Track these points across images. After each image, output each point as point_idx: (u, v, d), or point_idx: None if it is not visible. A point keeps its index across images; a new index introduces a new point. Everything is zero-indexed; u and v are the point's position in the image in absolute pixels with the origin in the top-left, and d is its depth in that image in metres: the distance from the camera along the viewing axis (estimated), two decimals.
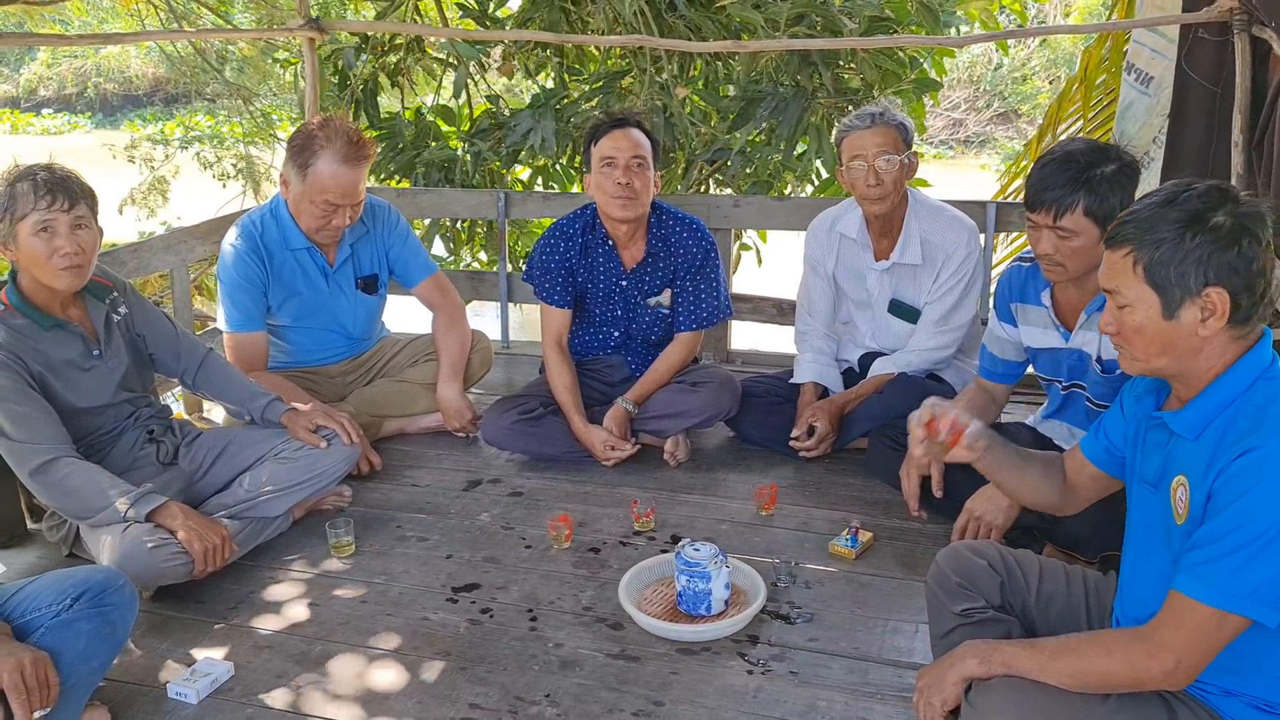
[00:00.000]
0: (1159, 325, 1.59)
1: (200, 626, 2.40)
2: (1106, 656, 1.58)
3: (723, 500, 3.01)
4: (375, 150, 3.31)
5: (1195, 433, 1.60)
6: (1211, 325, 1.56)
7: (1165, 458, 1.67)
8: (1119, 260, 1.62)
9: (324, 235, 3.20)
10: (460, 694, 2.13)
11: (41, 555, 2.76)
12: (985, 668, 1.68)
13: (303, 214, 3.14)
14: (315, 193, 3.07)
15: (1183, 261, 1.55)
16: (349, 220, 3.16)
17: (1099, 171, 2.27)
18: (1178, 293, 1.56)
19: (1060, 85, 6.05)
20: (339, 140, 3.05)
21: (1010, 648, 1.68)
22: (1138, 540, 1.76)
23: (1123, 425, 1.86)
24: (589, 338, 3.44)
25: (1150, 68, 3.74)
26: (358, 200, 3.15)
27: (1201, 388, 1.61)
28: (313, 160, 3.06)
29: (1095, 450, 1.93)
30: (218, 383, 2.92)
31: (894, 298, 3.26)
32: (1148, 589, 1.69)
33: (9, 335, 2.45)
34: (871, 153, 2.98)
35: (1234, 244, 1.53)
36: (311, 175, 3.06)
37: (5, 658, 1.77)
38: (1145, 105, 3.78)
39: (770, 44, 4.30)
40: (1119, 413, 1.88)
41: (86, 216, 2.47)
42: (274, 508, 2.73)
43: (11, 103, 26.49)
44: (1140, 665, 1.54)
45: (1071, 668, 1.59)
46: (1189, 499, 1.58)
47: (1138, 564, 1.75)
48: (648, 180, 3.14)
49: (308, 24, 4.17)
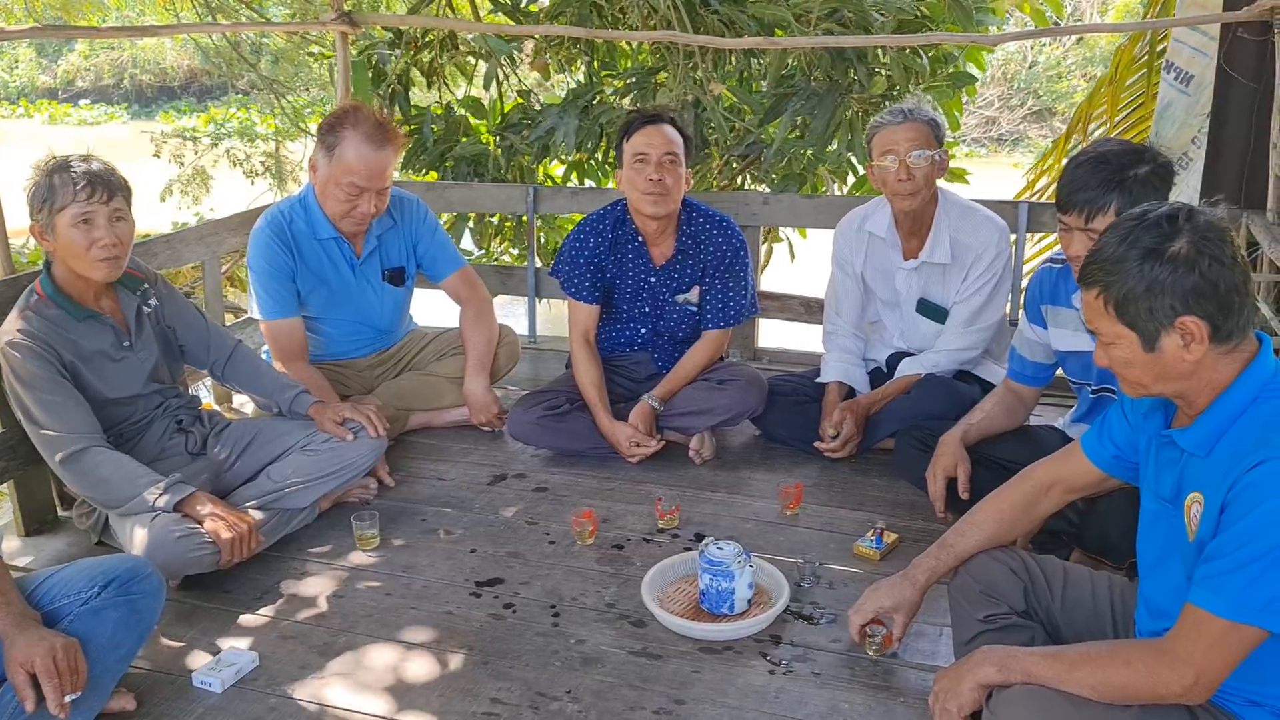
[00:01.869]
0: (1144, 358, 1.59)
1: (226, 616, 2.43)
2: (1126, 668, 1.57)
3: (747, 499, 3.00)
4: (404, 138, 3.29)
5: (1206, 449, 1.59)
6: (1195, 350, 1.55)
7: (1179, 475, 1.66)
8: (1092, 301, 1.63)
9: (349, 223, 3.18)
10: (482, 688, 2.14)
11: (71, 543, 2.79)
12: (1003, 675, 1.67)
13: (329, 198, 3.14)
14: (341, 174, 3.07)
15: (1147, 295, 1.55)
16: (374, 209, 3.15)
17: (1133, 173, 2.23)
18: (1152, 326, 1.56)
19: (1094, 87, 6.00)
20: (366, 123, 3.06)
21: (1029, 656, 1.67)
22: (1154, 552, 1.74)
23: (1130, 433, 1.85)
24: (616, 334, 3.44)
25: (1190, 66, 3.69)
26: (383, 185, 3.14)
27: (1205, 405, 1.60)
28: (340, 141, 3.06)
29: (1102, 457, 1.92)
30: (246, 374, 2.95)
31: (922, 297, 3.23)
32: (1166, 601, 1.68)
33: (43, 325, 2.48)
34: (903, 148, 2.96)
35: (1193, 269, 1.52)
36: (338, 156, 3.07)
37: (37, 643, 1.79)
38: (1185, 104, 3.73)
39: (803, 40, 4.28)
40: (1124, 420, 1.86)
41: (124, 209, 2.50)
42: (300, 499, 2.75)
43: (49, 93, 26.86)
44: (1160, 679, 1.53)
45: (1091, 679, 1.58)
46: (1202, 514, 1.57)
47: (1154, 576, 1.74)
48: (679, 177, 3.13)
49: (340, 18, 4.19)
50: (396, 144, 3.14)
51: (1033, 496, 2.01)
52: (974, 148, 18.81)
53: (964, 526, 2.04)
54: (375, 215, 3.19)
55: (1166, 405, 1.73)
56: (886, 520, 2.76)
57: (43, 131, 22.34)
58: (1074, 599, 1.91)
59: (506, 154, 5.19)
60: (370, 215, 3.17)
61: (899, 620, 2.08)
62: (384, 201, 3.19)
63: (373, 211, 3.16)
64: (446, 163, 5.19)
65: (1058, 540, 2.47)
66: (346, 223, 3.18)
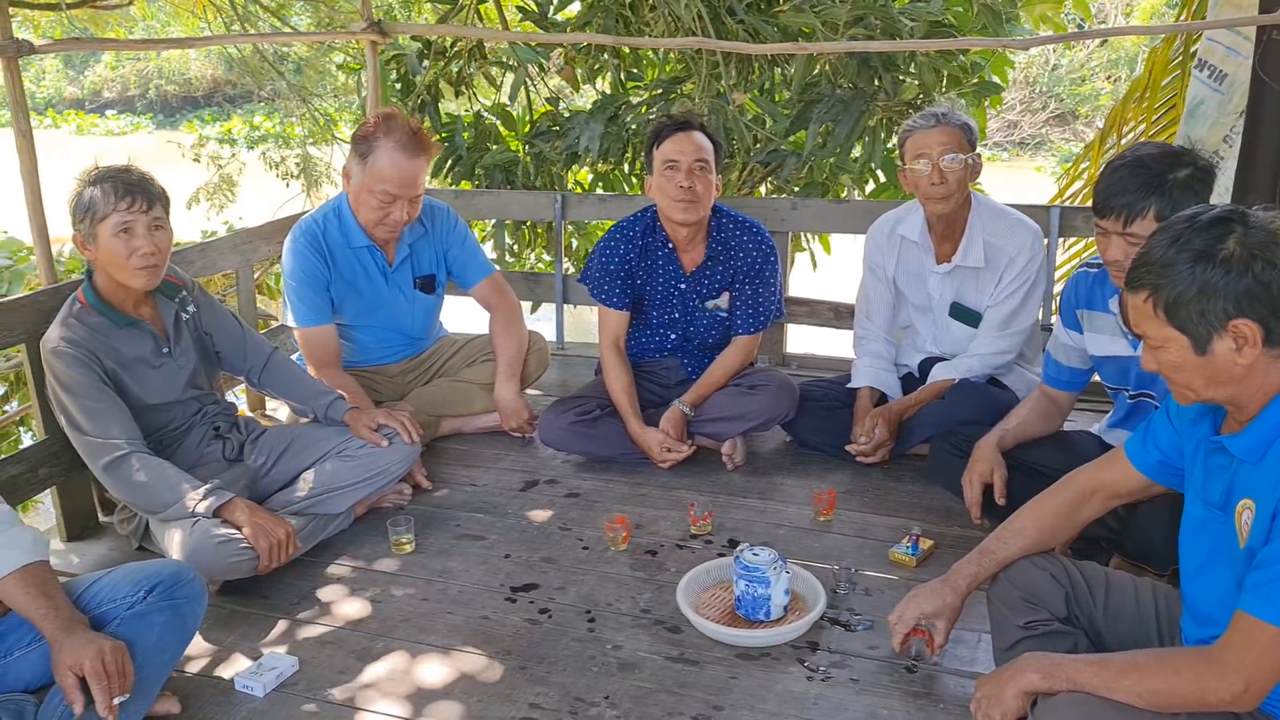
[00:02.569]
0: (1195, 361, 1.57)
1: (265, 621, 2.45)
2: (1174, 676, 1.55)
3: (780, 505, 3.00)
4: (436, 146, 3.32)
5: (1257, 456, 1.58)
6: (1248, 354, 1.53)
7: (1229, 481, 1.64)
8: (1140, 304, 1.61)
9: (382, 230, 3.21)
10: (520, 693, 2.15)
11: (112, 548, 2.83)
12: (1047, 682, 1.65)
13: (362, 206, 3.17)
14: (374, 182, 3.10)
15: (1199, 299, 1.53)
16: (407, 216, 3.18)
17: (1172, 176, 2.22)
18: (1203, 330, 1.54)
19: (1122, 86, 5.92)
20: (399, 131, 3.09)
21: (1074, 663, 1.66)
22: (1200, 558, 1.72)
23: (1175, 439, 1.83)
24: (646, 340, 3.45)
25: (1224, 65, 3.68)
26: (415, 193, 3.17)
27: (1257, 411, 1.58)
28: (373, 150, 3.09)
29: (1148, 462, 1.90)
30: (282, 381, 2.97)
31: (955, 301, 3.22)
32: (1213, 608, 1.66)
33: (85, 332, 2.51)
34: (936, 152, 2.96)
35: (1246, 272, 1.51)
36: (371, 164, 3.10)
37: (86, 645, 1.82)
38: (1217, 103, 3.72)
39: (830, 45, 4.27)
40: (1168, 424, 1.85)
41: (163, 218, 2.54)
42: (336, 504, 2.77)
43: (76, 104, 27.17)
44: (1208, 687, 1.52)
45: (1138, 686, 1.57)
46: (1253, 521, 1.55)
47: (1199, 582, 1.72)
48: (709, 183, 3.14)
49: (370, 27, 4.22)
50: (429, 152, 3.17)
51: (1075, 503, 2.00)
52: (995, 152, 18.72)
53: (1004, 533, 2.04)
54: (408, 223, 3.22)
55: (1215, 411, 1.71)
56: (922, 526, 2.76)
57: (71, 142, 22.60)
58: (1117, 605, 1.90)
59: (536, 161, 5.21)
60: (403, 223, 3.20)
61: (941, 626, 2.07)
62: (416, 209, 3.22)
63: (405, 219, 3.19)
64: (477, 171, 5.22)
65: (1096, 546, 2.45)
66: (379, 230, 3.21)
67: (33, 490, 2.76)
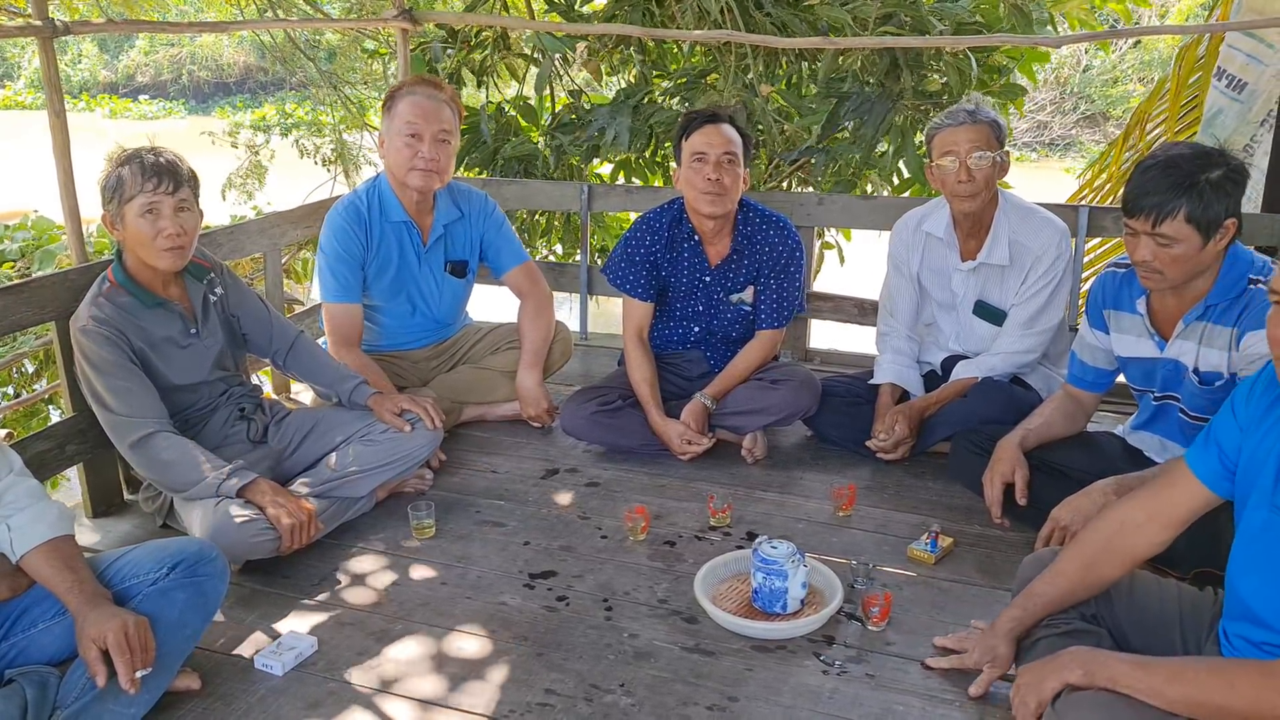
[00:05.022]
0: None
1: (285, 601, 2.47)
2: (1229, 690, 1.51)
3: (800, 499, 3.00)
4: (458, 99, 3.36)
5: None
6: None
7: None
8: None
9: (416, 177, 3.20)
10: (536, 679, 2.16)
11: (137, 525, 2.86)
12: (1088, 679, 1.62)
13: (393, 155, 3.22)
14: (400, 125, 3.18)
15: None
16: (437, 158, 3.18)
17: (1204, 177, 2.20)
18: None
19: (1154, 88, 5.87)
20: (417, 81, 3.26)
21: (1119, 664, 1.62)
22: (1259, 561, 1.66)
23: (1238, 438, 1.75)
24: (669, 332, 3.45)
25: (1244, 74, 3.63)
26: (440, 129, 3.19)
27: None
28: (396, 103, 3.21)
29: (1210, 470, 1.79)
30: (307, 364, 2.99)
31: (979, 299, 3.20)
32: (1271, 615, 1.62)
33: (114, 311, 2.54)
34: (964, 149, 2.94)
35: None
36: (395, 113, 3.20)
37: (109, 619, 1.84)
38: (1236, 112, 3.68)
39: (860, 41, 4.26)
40: (1232, 420, 1.77)
41: (189, 199, 2.56)
42: (359, 488, 2.79)
43: (110, 88, 27.44)
44: (1267, 701, 1.48)
45: (1189, 697, 1.53)
46: None
47: (1259, 587, 1.66)
48: (737, 176, 3.13)
49: (401, 15, 4.23)
50: (449, 94, 3.25)
51: (1121, 537, 1.88)
52: (1024, 152, 18.57)
53: (1051, 575, 1.96)
54: (440, 172, 3.22)
55: None
56: (941, 523, 2.75)
57: (105, 125, 22.82)
58: (1141, 606, 1.88)
59: (555, 154, 5.22)
60: (434, 165, 3.19)
61: (987, 675, 2.01)
62: (446, 155, 3.23)
63: (436, 159, 3.19)
64: (497, 162, 5.23)
65: None
66: (413, 177, 3.20)
67: (60, 466, 2.80)
